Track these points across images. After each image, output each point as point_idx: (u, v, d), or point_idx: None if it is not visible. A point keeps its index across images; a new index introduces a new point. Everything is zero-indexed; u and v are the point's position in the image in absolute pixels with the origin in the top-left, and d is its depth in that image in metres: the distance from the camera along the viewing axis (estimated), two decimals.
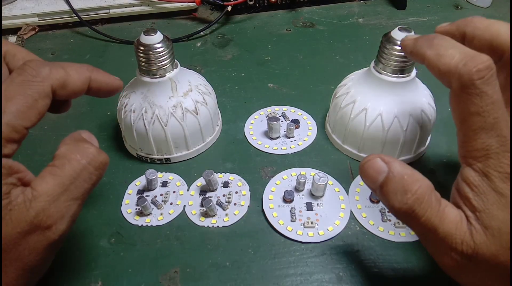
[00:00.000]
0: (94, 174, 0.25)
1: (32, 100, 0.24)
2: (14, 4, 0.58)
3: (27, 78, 0.24)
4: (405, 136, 0.37)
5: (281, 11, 0.64)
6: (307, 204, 0.36)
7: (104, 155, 0.26)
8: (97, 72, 0.28)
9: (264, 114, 0.45)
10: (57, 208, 0.23)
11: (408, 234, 0.34)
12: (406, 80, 0.36)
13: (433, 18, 0.62)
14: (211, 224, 0.35)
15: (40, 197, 0.23)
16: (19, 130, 0.23)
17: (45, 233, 0.23)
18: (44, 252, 0.24)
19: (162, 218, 0.35)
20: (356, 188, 0.37)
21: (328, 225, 0.35)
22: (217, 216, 0.35)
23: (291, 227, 0.34)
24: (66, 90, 0.26)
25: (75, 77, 0.26)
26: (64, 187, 0.24)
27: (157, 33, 0.35)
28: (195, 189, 0.38)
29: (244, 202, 0.36)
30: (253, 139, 0.42)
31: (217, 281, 0.32)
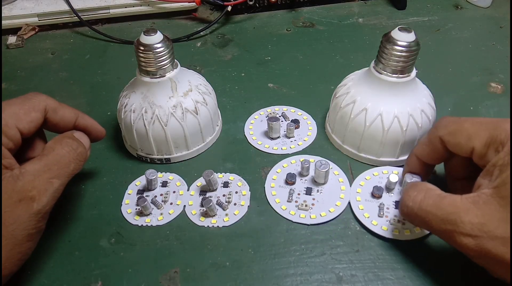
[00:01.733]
0: (72, 162, 0.31)
1: (27, 110, 0.30)
2: (14, 4, 0.58)
3: (28, 97, 0.31)
4: (405, 136, 0.37)
5: (281, 11, 0.64)
6: (307, 189, 0.37)
7: (82, 148, 0.32)
8: (84, 114, 0.35)
9: (264, 114, 0.45)
10: (40, 181, 0.28)
11: (402, 233, 0.34)
12: (406, 80, 0.36)
13: (433, 18, 0.62)
14: (211, 224, 0.35)
15: (26, 172, 0.28)
16: (11, 126, 0.29)
17: (29, 203, 0.27)
18: (27, 222, 0.27)
19: (162, 218, 0.35)
20: (361, 182, 0.37)
21: (322, 210, 0.35)
22: (217, 216, 0.35)
23: (285, 206, 0.36)
24: (57, 116, 0.32)
25: (66, 109, 0.33)
26: (48, 167, 0.29)
27: (157, 33, 0.35)
28: (195, 189, 0.38)
29: (244, 202, 0.36)
30: (253, 139, 0.42)
31: (217, 281, 0.32)
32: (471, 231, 0.25)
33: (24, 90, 0.49)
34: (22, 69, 0.53)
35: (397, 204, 0.35)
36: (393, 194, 0.36)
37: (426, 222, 0.28)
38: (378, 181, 0.37)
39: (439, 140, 0.31)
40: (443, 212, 0.27)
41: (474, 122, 0.29)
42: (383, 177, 0.38)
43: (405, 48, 0.35)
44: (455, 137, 0.30)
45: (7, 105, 0.29)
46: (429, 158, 0.33)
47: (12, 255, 0.27)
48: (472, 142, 0.28)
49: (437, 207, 0.27)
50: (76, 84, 0.50)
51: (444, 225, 0.27)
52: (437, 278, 0.31)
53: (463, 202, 0.26)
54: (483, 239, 0.25)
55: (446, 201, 0.27)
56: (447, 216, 0.27)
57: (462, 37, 0.58)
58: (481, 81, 0.50)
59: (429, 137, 0.32)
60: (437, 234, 0.28)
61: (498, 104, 0.47)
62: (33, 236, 0.28)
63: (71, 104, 0.47)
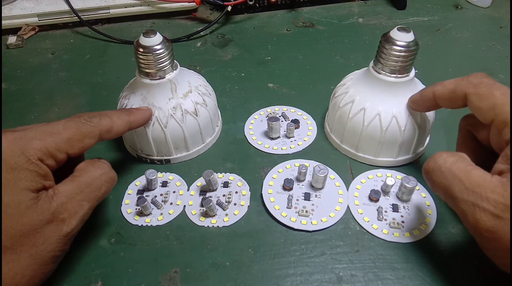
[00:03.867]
0: (104, 185, 0.31)
1: (82, 136, 0.30)
2: (14, 4, 0.58)
3: (82, 121, 0.31)
4: (403, 136, 0.37)
5: (281, 11, 0.64)
6: (305, 194, 0.37)
7: (114, 173, 0.32)
8: (134, 115, 0.35)
9: (264, 114, 0.45)
10: (72, 204, 0.28)
11: (402, 235, 0.34)
12: (405, 80, 0.36)
13: (433, 18, 0.62)
14: (211, 224, 0.35)
15: (60, 194, 0.28)
16: (62, 151, 0.29)
17: (60, 225, 0.27)
18: (55, 243, 0.27)
19: (162, 218, 0.35)
20: (357, 185, 0.37)
21: (323, 216, 0.35)
22: (217, 216, 0.35)
23: (285, 213, 0.35)
24: (111, 134, 0.32)
25: (119, 123, 0.33)
26: (80, 189, 0.29)
27: (156, 35, 0.35)
28: (195, 189, 0.38)
29: (244, 202, 0.36)
30: (253, 139, 0.42)
31: (217, 281, 0.32)
32: (493, 209, 0.25)
33: (24, 90, 0.49)
34: (22, 69, 0.53)
35: (394, 207, 0.35)
36: (389, 196, 0.36)
37: (448, 187, 0.27)
38: (374, 184, 0.37)
39: (463, 95, 0.30)
40: (471, 182, 0.26)
41: (505, 93, 0.28)
42: (377, 180, 0.38)
43: (403, 48, 0.35)
44: (480, 100, 0.28)
45: (64, 128, 0.29)
46: (445, 102, 0.32)
47: (37, 275, 0.27)
48: (494, 113, 0.27)
49: (466, 174, 0.26)
50: (76, 84, 0.51)
51: (467, 195, 0.26)
52: (437, 278, 0.31)
53: (493, 180, 0.26)
54: (503, 221, 0.24)
55: (476, 172, 0.26)
56: (473, 187, 0.26)
57: (462, 37, 0.58)
58: None
59: (456, 86, 0.31)
60: (453, 204, 0.27)
61: None
62: (57, 258, 0.28)
63: (71, 104, 0.48)
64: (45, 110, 0.47)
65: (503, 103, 0.27)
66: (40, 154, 0.27)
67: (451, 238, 0.34)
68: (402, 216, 0.35)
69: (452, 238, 0.34)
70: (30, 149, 0.27)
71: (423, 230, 0.34)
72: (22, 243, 0.26)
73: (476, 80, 0.30)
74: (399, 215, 0.35)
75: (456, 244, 0.34)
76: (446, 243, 0.34)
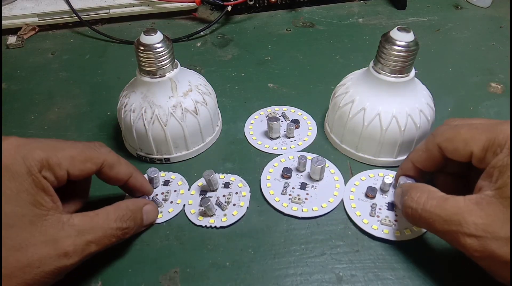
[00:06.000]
0: (116, 238, 0.30)
1: (85, 158, 0.29)
2: (14, 4, 0.58)
3: (91, 146, 0.31)
4: (403, 137, 0.37)
5: (281, 11, 0.64)
6: (302, 184, 0.37)
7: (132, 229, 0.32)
8: (138, 173, 0.34)
9: (264, 114, 0.45)
10: (81, 241, 0.27)
11: (392, 233, 0.34)
12: (405, 80, 0.36)
13: (433, 18, 0.62)
14: (209, 224, 0.35)
15: (72, 227, 0.27)
16: (63, 167, 0.28)
17: (61, 257, 0.26)
18: (51, 272, 0.26)
19: (161, 216, 0.35)
20: (356, 182, 0.38)
21: (314, 205, 0.36)
22: (215, 216, 0.35)
23: (278, 198, 0.36)
24: (111, 172, 0.31)
25: (123, 167, 0.32)
26: (94, 230, 0.28)
27: (157, 33, 0.35)
28: (196, 188, 0.38)
29: (244, 203, 0.36)
30: (253, 139, 0.42)
31: (217, 281, 0.32)
32: (475, 231, 0.25)
33: (24, 90, 0.49)
34: (22, 69, 0.53)
35: (390, 206, 0.35)
36: (387, 195, 0.36)
37: (429, 223, 0.28)
38: (373, 183, 0.37)
39: (437, 148, 0.31)
40: (447, 213, 0.27)
41: (471, 127, 0.29)
42: (378, 179, 0.38)
43: (404, 48, 0.35)
44: (452, 143, 0.30)
45: (70, 146, 0.29)
46: (425, 165, 0.33)
47: None
48: (470, 147, 0.29)
49: (440, 208, 0.28)
50: (76, 84, 0.51)
51: (448, 226, 0.27)
52: (437, 278, 0.31)
53: (467, 203, 0.27)
54: (487, 239, 0.25)
55: (449, 202, 0.27)
56: (450, 217, 0.27)
57: (462, 37, 0.58)
58: (481, 81, 0.50)
59: (427, 144, 0.32)
60: (440, 236, 0.28)
61: (498, 104, 0.47)
62: (50, 283, 0.27)
63: (71, 104, 0.47)
64: (45, 110, 0.47)
65: (472, 136, 0.29)
66: (40, 165, 0.26)
67: None
68: (397, 215, 0.35)
69: None
70: (31, 159, 0.26)
71: (415, 231, 0.34)
72: (17, 259, 0.25)
73: (440, 130, 0.32)
74: (394, 214, 0.35)
75: None
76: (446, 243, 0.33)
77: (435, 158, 0.32)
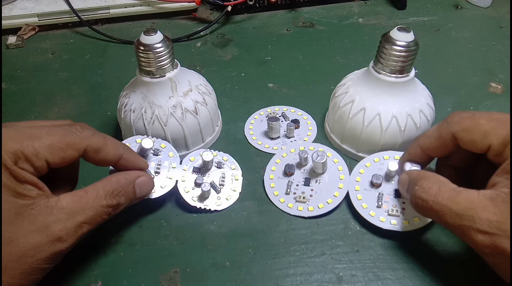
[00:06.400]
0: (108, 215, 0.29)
1: (65, 145, 0.27)
2: (14, 4, 0.58)
3: (72, 131, 0.28)
4: (403, 137, 0.37)
5: (281, 11, 0.64)
6: (305, 179, 0.37)
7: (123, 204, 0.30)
8: (129, 153, 0.32)
9: (264, 114, 0.45)
10: (72, 223, 0.27)
11: (400, 224, 0.33)
12: (405, 80, 0.36)
13: (433, 18, 0.62)
14: (203, 206, 0.35)
15: (61, 210, 0.26)
16: (40, 157, 0.26)
17: (55, 242, 0.26)
18: (46, 258, 0.26)
19: (154, 192, 0.34)
20: (361, 169, 0.37)
21: (320, 202, 0.35)
22: (210, 198, 0.35)
23: (283, 199, 0.36)
24: (98, 156, 0.30)
25: (110, 150, 0.30)
26: (84, 211, 0.27)
27: (157, 33, 0.35)
28: (188, 163, 0.37)
29: (236, 188, 0.36)
30: (253, 139, 0.42)
31: (217, 281, 0.32)
32: (488, 228, 0.25)
33: (24, 90, 0.49)
34: (22, 69, 0.53)
35: (397, 193, 0.35)
36: (393, 182, 0.35)
37: (440, 216, 0.27)
38: (379, 168, 0.36)
39: (450, 136, 0.30)
40: (460, 207, 0.26)
41: (491, 118, 0.28)
42: (384, 163, 0.37)
43: (404, 48, 0.35)
44: (470, 134, 0.29)
45: (47, 133, 0.27)
46: (436, 152, 0.32)
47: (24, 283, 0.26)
48: (488, 139, 0.27)
49: (453, 201, 0.27)
50: (76, 84, 0.51)
51: (460, 220, 0.26)
52: (437, 278, 0.31)
53: (480, 199, 0.26)
54: (500, 237, 0.25)
55: (462, 196, 0.27)
56: (463, 212, 0.26)
57: (462, 37, 0.58)
58: (481, 81, 0.50)
59: (440, 131, 0.31)
60: (449, 228, 0.27)
61: (498, 104, 0.47)
62: (47, 269, 0.27)
63: (71, 104, 0.48)
64: (45, 110, 0.47)
65: (492, 128, 0.28)
66: (14, 158, 0.25)
67: (451, 238, 0.34)
68: (404, 202, 0.34)
69: (452, 237, 0.34)
70: (4, 152, 0.25)
71: (423, 219, 0.33)
72: (9, 252, 0.25)
73: (456, 118, 0.30)
74: (401, 202, 0.34)
75: (457, 243, 0.34)
76: (446, 242, 0.34)
77: (448, 147, 0.31)
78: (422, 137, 0.33)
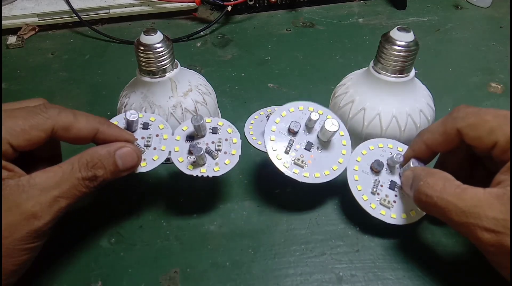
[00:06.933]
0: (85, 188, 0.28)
1: (29, 127, 0.27)
2: (14, 4, 0.58)
3: (36, 111, 0.27)
4: (403, 137, 0.37)
5: (281, 11, 0.64)
6: (307, 143, 0.35)
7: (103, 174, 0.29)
8: (107, 126, 0.30)
9: (264, 114, 0.45)
10: (46, 198, 0.26)
11: (388, 216, 0.33)
12: (405, 80, 0.36)
13: (433, 18, 0.62)
14: (200, 173, 0.32)
15: (33, 186, 0.26)
16: (4, 141, 0.26)
17: (30, 219, 0.25)
18: (24, 237, 0.25)
19: (146, 165, 0.32)
20: (363, 150, 0.36)
21: (317, 171, 0.34)
22: (206, 165, 0.33)
23: (280, 157, 0.34)
24: (69, 134, 0.28)
25: (82, 125, 0.29)
26: (58, 184, 0.26)
27: (157, 33, 0.35)
28: (181, 134, 0.35)
29: (235, 151, 0.34)
30: (253, 139, 0.42)
31: (217, 281, 0.32)
32: (494, 226, 0.25)
33: (24, 90, 0.49)
34: (22, 69, 0.53)
35: (392, 185, 0.34)
36: (392, 173, 0.35)
37: (445, 213, 0.27)
38: (381, 154, 0.35)
39: (456, 132, 0.29)
40: (466, 204, 0.26)
41: (497, 114, 0.28)
42: (386, 151, 0.36)
43: (404, 48, 0.35)
44: (476, 130, 0.28)
45: (8, 116, 0.26)
46: (440, 147, 0.31)
47: (7, 267, 0.25)
48: (495, 136, 0.27)
49: (458, 198, 0.26)
50: (76, 84, 0.51)
51: (465, 218, 0.26)
52: (437, 278, 0.31)
53: (486, 196, 0.25)
54: (506, 236, 0.24)
55: (468, 193, 0.26)
56: (469, 209, 0.25)
57: (462, 37, 0.58)
58: (481, 81, 0.50)
59: (445, 127, 0.30)
60: (454, 226, 0.27)
61: (498, 104, 0.47)
62: (31, 250, 0.26)
63: (71, 104, 0.47)
64: None
65: (499, 124, 0.27)
66: None
67: (451, 238, 0.34)
68: (396, 195, 0.34)
69: (452, 237, 0.34)
70: None
71: (411, 216, 0.33)
72: None
73: (461, 113, 0.30)
74: (393, 194, 0.34)
75: (457, 244, 0.34)
76: (446, 243, 0.34)
77: (453, 142, 0.30)
78: (426, 133, 0.32)
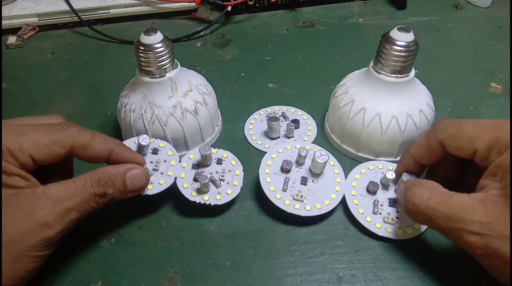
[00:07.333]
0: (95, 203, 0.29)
1: (50, 142, 0.28)
2: (14, 4, 0.58)
3: (58, 128, 0.29)
4: (403, 137, 0.37)
5: (281, 11, 0.64)
6: (302, 178, 0.36)
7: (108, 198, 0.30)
8: (121, 148, 0.32)
9: (264, 114, 0.45)
10: (60, 209, 0.27)
11: (395, 232, 0.33)
12: (405, 80, 0.36)
13: (433, 18, 0.62)
14: (203, 201, 0.34)
15: (48, 197, 0.27)
16: (25, 153, 0.27)
17: (43, 228, 0.26)
18: (36, 245, 0.26)
19: (152, 188, 0.34)
20: (356, 175, 0.37)
21: (317, 202, 0.35)
22: (209, 193, 0.35)
23: (280, 196, 0.35)
24: (86, 152, 0.30)
25: (99, 145, 0.30)
26: (71, 197, 0.28)
27: (157, 33, 0.35)
28: (187, 161, 0.36)
29: (237, 182, 0.35)
30: (253, 139, 0.42)
31: (217, 281, 0.32)
32: (479, 229, 0.25)
33: (24, 90, 0.49)
34: (22, 69, 0.53)
35: (391, 202, 0.35)
36: (388, 191, 0.36)
37: (432, 220, 0.28)
38: (373, 176, 0.37)
39: (438, 144, 0.31)
40: (451, 210, 0.27)
41: (475, 124, 0.29)
42: (378, 172, 0.37)
43: (404, 48, 0.35)
44: (456, 140, 0.30)
45: (33, 130, 0.28)
46: (426, 159, 0.33)
47: (17, 273, 0.26)
48: (474, 144, 0.28)
49: (444, 205, 0.27)
50: (76, 84, 0.51)
51: (451, 223, 0.27)
52: (437, 278, 0.31)
53: (471, 201, 0.26)
54: (491, 238, 0.25)
55: (453, 199, 0.27)
56: (454, 214, 0.27)
57: (462, 37, 0.58)
58: (481, 81, 0.50)
59: (428, 140, 0.32)
60: (442, 232, 0.28)
61: (498, 104, 0.47)
62: (40, 257, 0.27)
63: (71, 104, 0.48)
64: (45, 110, 0.47)
65: (477, 133, 0.28)
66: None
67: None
68: (398, 211, 0.34)
69: None
70: None
71: (416, 228, 0.34)
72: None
73: (443, 125, 0.31)
74: (395, 210, 0.34)
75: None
76: (446, 242, 0.34)
77: (437, 154, 0.32)
78: (412, 147, 0.34)
